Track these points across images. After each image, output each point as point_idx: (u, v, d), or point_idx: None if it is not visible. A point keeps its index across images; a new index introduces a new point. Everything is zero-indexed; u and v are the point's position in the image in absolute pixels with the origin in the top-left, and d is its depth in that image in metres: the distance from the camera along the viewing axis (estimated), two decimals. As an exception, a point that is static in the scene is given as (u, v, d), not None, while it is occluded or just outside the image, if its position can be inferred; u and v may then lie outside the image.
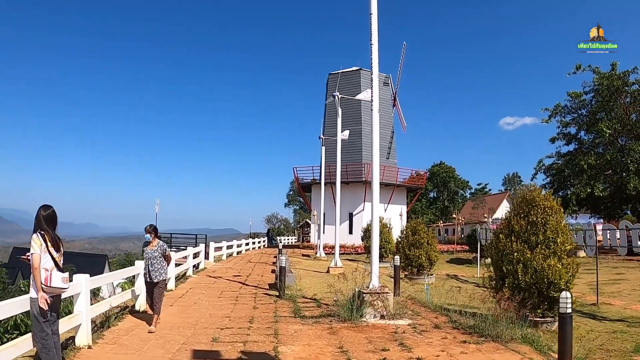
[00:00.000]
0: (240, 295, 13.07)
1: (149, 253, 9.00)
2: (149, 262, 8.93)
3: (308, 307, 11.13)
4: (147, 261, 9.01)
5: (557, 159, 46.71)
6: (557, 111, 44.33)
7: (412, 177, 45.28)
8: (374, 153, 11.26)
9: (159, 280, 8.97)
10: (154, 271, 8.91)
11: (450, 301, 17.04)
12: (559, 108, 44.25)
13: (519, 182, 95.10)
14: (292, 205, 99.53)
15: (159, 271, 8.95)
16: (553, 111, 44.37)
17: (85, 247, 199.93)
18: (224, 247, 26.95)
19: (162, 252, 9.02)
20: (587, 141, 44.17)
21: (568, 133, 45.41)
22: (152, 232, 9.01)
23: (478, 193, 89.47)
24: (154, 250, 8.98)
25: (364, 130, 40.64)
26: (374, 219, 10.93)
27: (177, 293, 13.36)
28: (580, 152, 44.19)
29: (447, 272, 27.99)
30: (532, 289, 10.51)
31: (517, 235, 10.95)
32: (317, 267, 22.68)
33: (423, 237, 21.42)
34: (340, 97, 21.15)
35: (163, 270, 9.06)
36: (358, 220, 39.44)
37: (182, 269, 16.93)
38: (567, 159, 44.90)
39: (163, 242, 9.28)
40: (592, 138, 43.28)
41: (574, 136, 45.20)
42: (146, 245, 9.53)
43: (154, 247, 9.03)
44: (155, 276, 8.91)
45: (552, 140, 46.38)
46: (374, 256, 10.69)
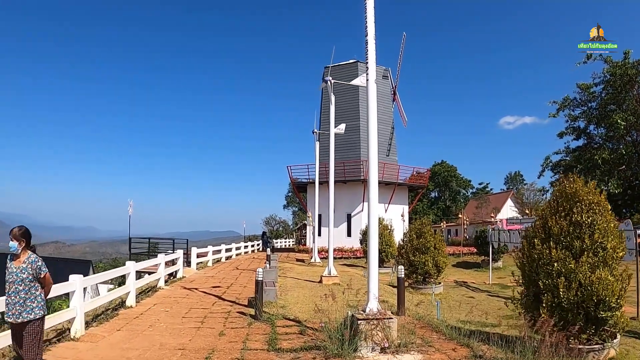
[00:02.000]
0: (210, 315, 10.67)
1: (13, 274, 5.36)
2: (12, 289, 5.34)
3: (288, 335, 8.73)
4: (9, 287, 5.37)
5: (566, 155, 44.63)
6: (565, 104, 42.30)
7: (413, 175, 42.97)
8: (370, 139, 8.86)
9: (29, 321, 5.32)
10: (18, 305, 5.31)
11: (466, 317, 14.69)
12: (567, 101, 42.19)
13: (521, 181, 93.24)
14: (290, 206, 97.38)
15: (29, 305, 5.34)
16: (561, 104, 42.31)
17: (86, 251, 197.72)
18: (209, 252, 24.50)
19: (33, 274, 5.42)
20: (597, 135, 42.06)
21: (577, 127, 43.29)
22: (20, 240, 5.45)
23: (479, 192, 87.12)
24: (20, 270, 5.37)
25: (362, 126, 38.29)
26: (371, 222, 8.54)
27: (135, 311, 11.00)
28: (590, 147, 42.07)
29: (455, 279, 25.62)
30: (577, 309, 8.10)
31: (557, 239, 8.53)
32: (310, 274, 20.27)
33: (429, 240, 18.91)
34: (334, 82, 18.76)
35: (35, 303, 5.40)
36: (357, 221, 37.03)
37: (151, 280, 14.56)
38: (575, 155, 42.80)
39: (37, 257, 5.57)
40: (603, 132, 41.14)
41: (583, 130, 43.07)
42: (12, 260, 5.49)
43: (21, 264, 5.41)
44: (21, 313, 5.29)
45: (560, 135, 44.37)
46: (371, 271, 8.26)
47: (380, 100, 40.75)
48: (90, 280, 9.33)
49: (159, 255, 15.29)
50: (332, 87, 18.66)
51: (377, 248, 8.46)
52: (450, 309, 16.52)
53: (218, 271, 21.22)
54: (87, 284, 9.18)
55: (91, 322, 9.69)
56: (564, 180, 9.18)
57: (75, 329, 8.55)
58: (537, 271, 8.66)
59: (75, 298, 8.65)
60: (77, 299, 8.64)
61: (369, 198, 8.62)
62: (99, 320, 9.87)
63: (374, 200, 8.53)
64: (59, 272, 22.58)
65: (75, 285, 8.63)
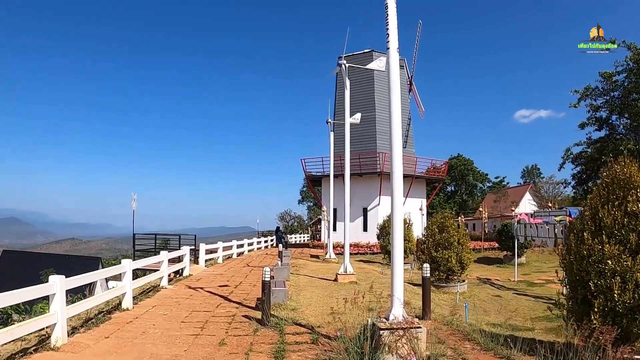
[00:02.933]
0: (212, 319, 9.55)
1: None
2: None
3: (299, 345, 7.57)
4: None
5: (587, 147, 43.06)
6: (587, 93, 40.68)
7: (429, 169, 41.64)
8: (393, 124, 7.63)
9: None
10: None
11: (496, 320, 13.44)
12: (589, 90, 40.57)
13: (538, 175, 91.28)
14: (305, 201, 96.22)
15: None
16: (583, 93, 40.74)
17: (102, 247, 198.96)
18: (219, 248, 23.42)
19: None
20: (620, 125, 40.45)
21: (599, 117, 41.67)
22: None
23: (496, 187, 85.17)
24: None
25: (378, 118, 36.98)
26: (395, 218, 7.37)
27: (130, 315, 9.93)
28: (613, 137, 40.47)
29: (478, 275, 24.25)
30: (632, 314, 6.82)
31: (610, 233, 7.24)
32: (325, 271, 19.12)
33: (453, 235, 17.53)
34: (349, 65, 17.51)
35: None
36: (373, 216, 35.72)
37: (153, 279, 13.51)
38: (597, 147, 41.22)
39: None
40: (626, 122, 39.49)
41: (606, 121, 41.44)
42: None
43: None
44: None
45: (581, 126, 42.82)
46: (396, 272, 7.08)
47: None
48: (73, 282, 8.23)
49: (162, 252, 14.22)
50: (346, 71, 17.42)
51: (402, 246, 7.27)
52: (477, 309, 15.30)
53: (227, 268, 20.15)
54: (70, 286, 8.09)
55: (79, 327, 8.65)
56: (615, 164, 7.86)
57: (56, 336, 7.51)
58: (587, 270, 7.37)
59: (55, 302, 7.59)
60: (58, 303, 7.59)
61: (392, 191, 7.46)
62: (88, 325, 8.82)
63: (398, 192, 7.37)
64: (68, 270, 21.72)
65: (55, 287, 7.57)
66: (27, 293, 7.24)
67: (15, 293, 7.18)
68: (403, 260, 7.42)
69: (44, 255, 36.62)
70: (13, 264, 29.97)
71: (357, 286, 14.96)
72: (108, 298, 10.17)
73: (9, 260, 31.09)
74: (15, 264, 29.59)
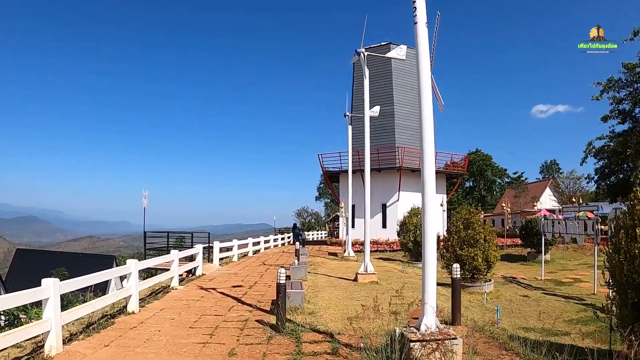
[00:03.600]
0: (223, 325, 8.79)
1: None
2: None
3: (317, 356, 6.72)
4: None
5: (609, 140, 41.63)
6: (610, 85, 39.19)
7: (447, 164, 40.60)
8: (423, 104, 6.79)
9: None
10: None
11: (527, 323, 12.53)
12: (612, 82, 39.11)
13: (557, 170, 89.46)
14: (322, 198, 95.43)
15: None
16: (606, 85, 39.25)
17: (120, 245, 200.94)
18: (234, 246, 22.71)
19: None
20: None
21: (623, 110, 40.20)
22: None
23: (514, 182, 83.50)
24: None
25: (397, 111, 36.03)
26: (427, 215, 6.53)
27: (135, 319, 9.22)
28: (637, 131, 39.07)
29: (502, 274, 23.21)
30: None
31: (665, 230, 6.33)
32: (344, 270, 18.31)
33: (479, 232, 16.52)
34: (367, 54, 16.61)
35: None
36: (392, 212, 34.81)
37: (163, 279, 12.81)
38: (620, 140, 39.79)
39: None
40: None
41: (629, 113, 39.99)
42: None
43: None
44: None
45: (604, 119, 41.38)
46: (428, 276, 6.24)
47: (415, 83, 38.27)
48: (69, 285, 7.53)
49: (172, 252, 13.51)
50: (365, 60, 16.53)
51: (435, 247, 6.44)
52: (505, 311, 14.36)
53: (242, 267, 19.44)
54: (66, 290, 7.40)
55: (79, 333, 7.96)
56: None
57: (50, 345, 6.81)
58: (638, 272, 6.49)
59: (49, 307, 6.90)
60: (52, 309, 6.89)
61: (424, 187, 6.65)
62: (88, 331, 8.12)
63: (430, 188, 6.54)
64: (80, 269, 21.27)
65: (49, 291, 6.87)
66: (17, 298, 6.59)
67: (4, 298, 6.53)
68: (436, 263, 6.59)
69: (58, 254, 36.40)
70: (26, 263, 29.74)
71: (379, 286, 14.14)
72: (112, 301, 9.47)
73: (23, 259, 30.86)
74: (28, 263, 29.35)
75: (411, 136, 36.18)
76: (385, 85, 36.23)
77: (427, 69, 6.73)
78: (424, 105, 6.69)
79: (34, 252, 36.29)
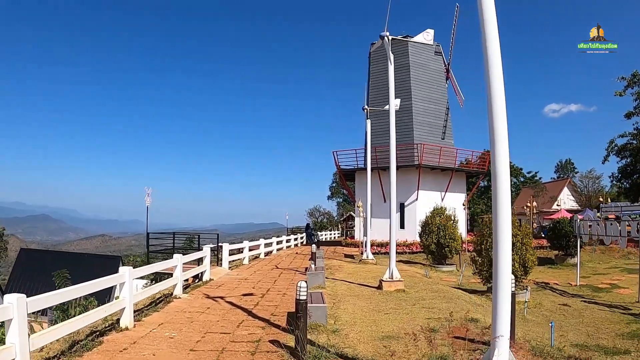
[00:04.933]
0: (230, 347, 7.34)
1: None
2: None
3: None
4: None
5: (632, 138, 39.88)
6: (635, 80, 37.53)
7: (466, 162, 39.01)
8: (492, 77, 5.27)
9: None
10: None
11: (577, 338, 10.91)
12: (637, 77, 37.43)
13: (572, 169, 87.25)
14: (335, 197, 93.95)
15: None
16: (630, 80, 37.59)
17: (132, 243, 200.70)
18: (245, 248, 21.29)
19: None
20: None
21: (647, 106, 38.56)
22: None
23: (529, 181, 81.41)
24: None
25: (415, 107, 34.45)
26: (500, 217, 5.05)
27: (128, 337, 7.78)
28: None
29: (534, 279, 21.56)
30: None
31: None
32: (364, 276, 16.81)
33: (515, 233, 14.94)
34: (392, 38, 15.11)
35: None
36: (411, 212, 33.20)
37: (163, 288, 11.38)
38: None
39: None
40: None
41: (653, 110, 38.41)
42: None
43: None
44: None
45: (627, 116, 39.66)
46: (501, 303, 4.77)
47: (434, 78, 36.80)
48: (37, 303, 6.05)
49: (175, 256, 12.07)
50: (389, 45, 15.03)
51: (510, 264, 4.97)
52: (546, 324, 12.80)
53: (254, 271, 18.00)
54: (35, 308, 5.97)
55: (60, 355, 6.58)
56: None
57: (15, 378, 5.41)
58: None
59: (12, 330, 5.49)
60: (16, 330, 5.49)
61: (496, 185, 5.16)
62: (68, 354, 6.72)
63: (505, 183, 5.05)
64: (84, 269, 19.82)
65: (12, 311, 5.45)
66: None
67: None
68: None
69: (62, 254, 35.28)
70: (31, 262, 28.66)
71: (406, 295, 12.63)
72: (100, 317, 8.05)
73: (27, 259, 29.81)
74: (32, 263, 28.27)
75: (429, 133, 34.66)
76: (403, 79, 34.61)
77: (494, 29, 5.19)
78: (494, 76, 5.16)
79: (38, 252, 35.30)
